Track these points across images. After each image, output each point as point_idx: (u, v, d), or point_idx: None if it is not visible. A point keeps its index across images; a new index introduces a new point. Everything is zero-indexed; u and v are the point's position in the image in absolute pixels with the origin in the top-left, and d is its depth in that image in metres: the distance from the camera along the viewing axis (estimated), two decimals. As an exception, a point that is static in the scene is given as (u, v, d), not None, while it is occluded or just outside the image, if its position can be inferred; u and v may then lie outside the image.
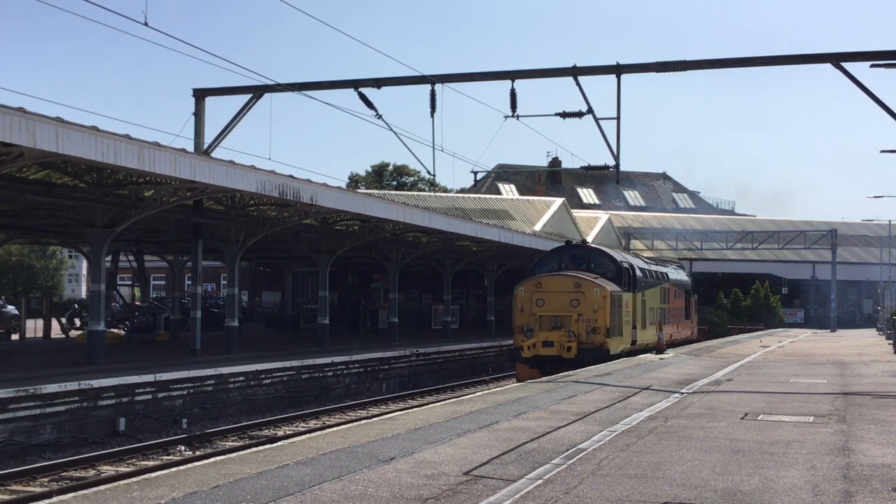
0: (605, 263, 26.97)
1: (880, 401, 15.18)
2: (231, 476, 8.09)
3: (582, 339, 24.35)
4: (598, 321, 24.45)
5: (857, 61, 20.26)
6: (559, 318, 24.58)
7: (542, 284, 25.11)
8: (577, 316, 24.47)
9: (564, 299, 24.67)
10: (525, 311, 24.98)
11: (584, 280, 24.99)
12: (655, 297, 31.03)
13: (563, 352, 23.98)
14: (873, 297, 73.72)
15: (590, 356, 23.74)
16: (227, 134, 25.47)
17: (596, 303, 24.48)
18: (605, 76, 22.14)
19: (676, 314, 35.82)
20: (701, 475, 8.43)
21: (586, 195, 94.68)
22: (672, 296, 34.43)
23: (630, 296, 27.08)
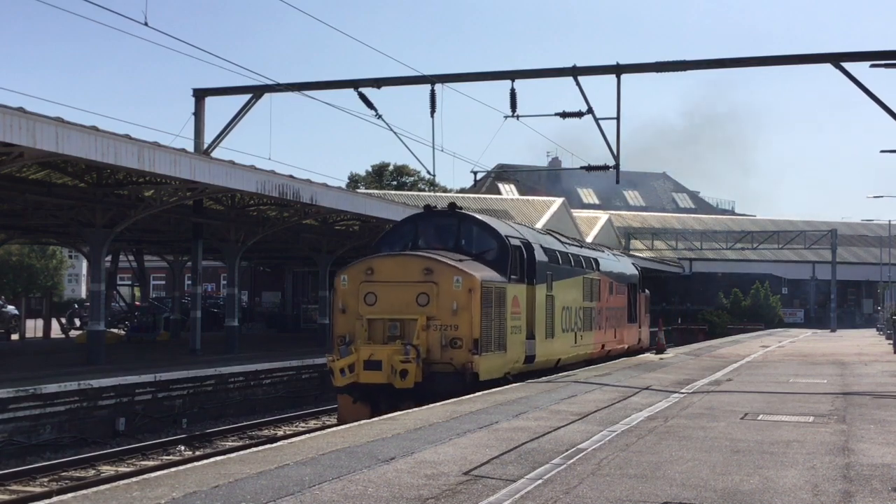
0: (482, 239, 18.15)
1: (880, 401, 15.18)
2: (231, 476, 8.08)
3: (433, 356, 16.01)
4: (460, 328, 16.08)
5: (857, 61, 20.26)
6: (398, 324, 16.22)
7: (375, 270, 16.48)
8: (427, 320, 16.10)
9: (407, 294, 16.21)
10: (349, 311, 16.55)
11: (438, 263, 16.33)
12: (574, 291, 22.26)
13: (394, 378, 15.51)
14: (873, 297, 73.74)
15: (443, 385, 15.71)
16: (227, 134, 25.48)
17: (456, 299, 16.07)
18: (606, 76, 22.14)
19: (614, 316, 26.58)
20: (701, 475, 8.43)
21: (586, 195, 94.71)
22: (604, 291, 25.36)
23: (522, 289, 18.37)
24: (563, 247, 22.34)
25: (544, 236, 21.77)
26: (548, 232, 23.92)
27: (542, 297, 19.46)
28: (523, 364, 18.59)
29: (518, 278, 18.20)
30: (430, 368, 15.91)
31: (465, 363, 16.05)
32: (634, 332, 29.97)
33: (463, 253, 17.59)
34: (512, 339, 17.74)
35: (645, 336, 32.03)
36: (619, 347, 27.45)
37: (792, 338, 45.00)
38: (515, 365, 18.21)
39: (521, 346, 18.33)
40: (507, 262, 17.77)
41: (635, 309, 29.83)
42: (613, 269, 27.10)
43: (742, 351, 31.45)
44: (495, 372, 17.03)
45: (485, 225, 18.41)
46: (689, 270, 74.51)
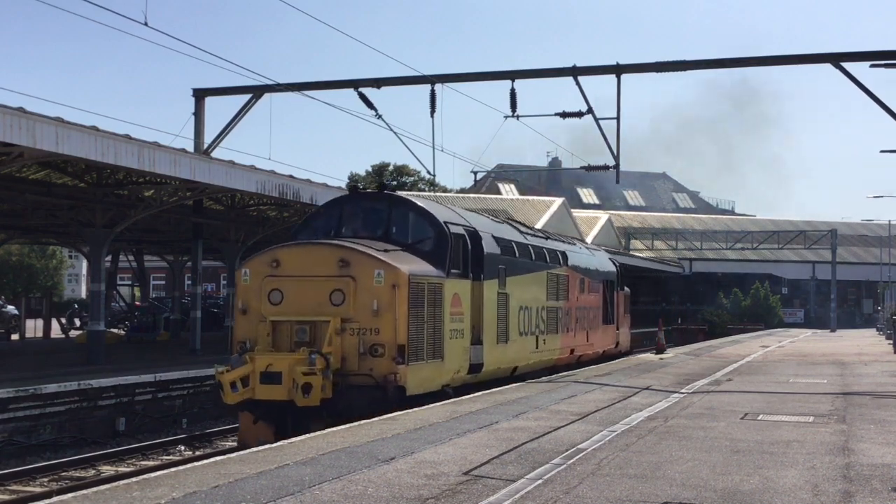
0: (417, 227, 15.61)
1: (880, 401, 15.18)
2: (231, 476, 8.09)
3: (348, 366, 13.45)
4: (382, 332, 13.55)
5: (857, 61, 20.27)
6: (308, 327, 13.64)
7: (281, 262, 13.97)
8: (342, 322, 13.56)
9: (319, 290, 13.67)
10: (250, 312, 14.04)
11: (356, 254, 13.83)
12: (535, 289, 19.71)
13: (297, 395, 12.93)
14: (873, 297, 73.77)
15: (359, 401, 13.22)
16: (227, 134, 25.48)
17: (377, 296, 13.55)
18: (606, 76, 22.14)
19: (585, 317, 24.00)
20: (701, 475, 8.43)
21: (586, 195, 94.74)
22: (574, 288, 22.63)
23: (466, 285, 15.82)
24: (523, 238, 19.64)
25: (500, 225, 18.99)
26: (506, 221, 20.88)
27: (492, 294, 16.85)
28: (467, 374, 15.90)
29: (460, 273, 15.54)
30: (346, 381, 13.29)
31: (388, 375, 13.38)
32: (611, 335, 27.17)
33: (393, 243, 14.99)
34: (451, 346, 15.04)
35: (624, 339, 29.23)
36: (591, 352, 24.72)
37: (792, 338, 45.01)
38: (456, 375, 15.47)
39: (464, 354, 15.65)
40: (446, 253, 15.13)
41: (612, 309, 27.07)
42: (585, 265, 24.34)
43: (742, 351, 31.44)
44: (428, 384, 14.40)
45: (420, 210, 15.59)
46: (689, 270, 74.56)
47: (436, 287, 14.64)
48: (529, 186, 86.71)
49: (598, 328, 25.53)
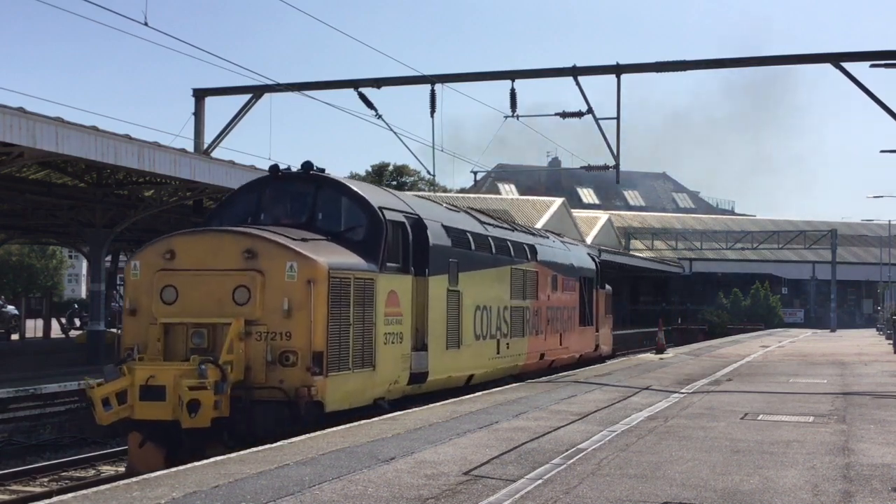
0: (348, 213, 13.50)
1: (880, 401, 15.18)
2: (231, 476, 8.09)
3: (254, 377, 11.39)
4: (295, 336, 11.48)
5: (857, 61, 20.27)
6: (206, 331, 11.57)
7: (177, 253, 11.89)
8: (247, 325, 11.49)
9: (220, 287, 11.63)
10: (140, 312, 11.96)
11: (265, 243, 11.78)
12: (497, 286, 17.65)
13: (182, 414, 10.74)
14: (873, 297, 73.80)
15: (263, 421, 11.19)
16: (227, 134, 25.48)
17: (290, 294, 11.51)
18: (606, 76, 22.14)
19: (559, 317, 21.85)
20: (701, 475, 8.43)
21: (586, 195, 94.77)
22: (544, 286, 20.58)
23: (407, 281, 13.82)
24: (482, 228, 17.60)
25: (454, 214, 16.87)
26: (465, 210, 18.48)
27: (440, 292, 14.80)
28: (408, 385, 13.92)
29: (399, 267, 13.57)
30: (250, 396, 11.20)
31: (301, 387, 11.23)
32: (588, 337, 24.96)
33: (320, 231, 12.86)
34: (386, 352, 12.96)
35: (605, 341, 26.93)
36: (566, 356, 22.65)
37: (792, 338, 45.01)
38: (393, 387, 13.44)
39: (403, 361, 13.62)
40: (381, 243, 13.03)
41: (591, 308, 24.97)
42: (559, 260, 22.15)
43: (742, 351, 31.44)
44: (355, 398, 12.41)
45: (350, 193, 13.51)
46: (689, 270, 74.59)
47: (365, 283, 12.49)
48: (529, 186, 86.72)
49: (574, 330, 23.33)
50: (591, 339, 25.24)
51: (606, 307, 27.44)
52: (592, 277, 25.32)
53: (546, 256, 21.00)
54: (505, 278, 18.16)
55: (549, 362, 21.15)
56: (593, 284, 25.43)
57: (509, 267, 18.29)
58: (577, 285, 23.58)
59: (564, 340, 22.32)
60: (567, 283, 22.63)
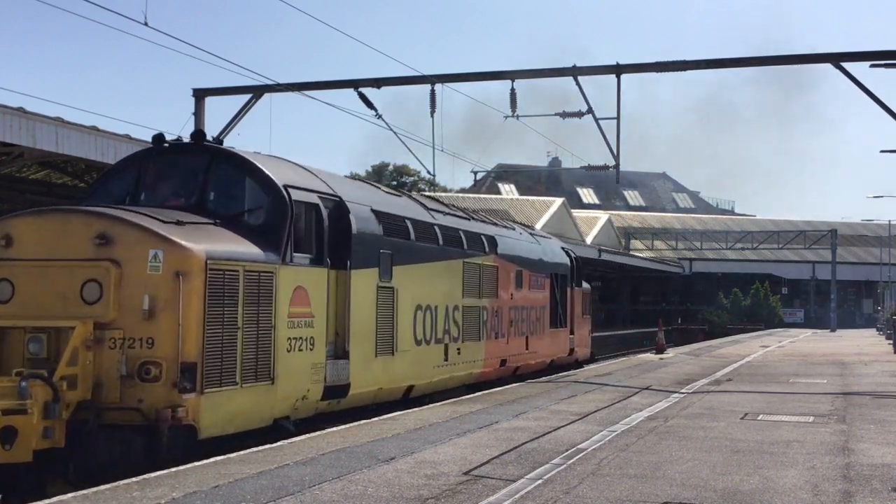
0: (247, 192, 11.32)
1: (880, 401, 15.18)
2: (231, 476, 8.09)
3: (105, 396, 9.28)
4: (159, 344, 9.39)
5: (857, 61, 20.25)
6: (46, 337, 9.39)
7: (15, 239, 9.88)
8: (97, 329, 9.38)
9: (65, 281, 9.59)
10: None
11: (122, 226, 9.71)
12: (444, 282, 15.57)
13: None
14: (873, 297, 73.82)
15: (109, 451, 9.11)
16: (227, 134, 25.47)
17: (152, 289, 9.48)
18: (606, 76, 22.12)
19: (524, 318, 19.75)
20: (701, 475, 8.43)
21: (586, 195, 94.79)
22: (506, 283, 18.55)
23: (320, 275, 11.66)
24: (428, 215, 15.52)
25: (390, 198, 14.85)
26: (407, 193, 16.83)
27: (367, 289, 12.69)
28: (322, 400, 11.66)
29: (312, 258, 11.48)
30: (99, 419, 9.06)
31: (165, 409, 9.09)
32: (562, 340, 22.71)
33: (211, 214, 10.71)
34: (290, 362, 10.81)
35: (582, 344, 24.69)
36: (534, 362, 20.44)
37: (792, 338, 45.02)
38: (302, 403, 11.19)
39: (315, 372, 11.38)
40: (285, 229, 10.90)
41: (565, 309, 22.84)
42: (524, 254, 19.99)
43: (742, 351, 31.44)
44: (245, 420, 10.20)
45: (250, 168, 11.28)
46: (689, 270, 74.62)
47: (261, 277, 10.37)
48: (529, 186, 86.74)
49: (545, 333, 21.20)
50: (565, 343, 23.00)
51: (584, 307, 25.24)
52: (566, 275, 23.13)
53: (509, 250, 18.92)
54: (456, 274, 16.04)
55: (512, 369, 19.04)
56: (567, 282, 23.27)
57: (461, 261, 16.19)
58: (547, 283, 21.48)
59: (532, 344, 20.13)
60: (535, 281, 20.52)
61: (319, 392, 11.61)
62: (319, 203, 11.87)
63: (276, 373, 10.63)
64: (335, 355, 11.99)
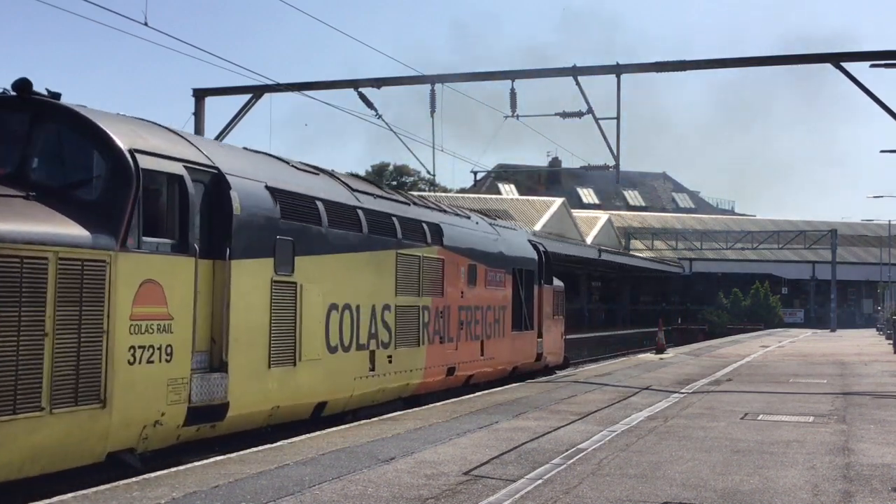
0: (79, 156, 9.03)
1: (880, 401, 15.18)
2: (231, 476, 8.09)
3: None
4: None
5: (857, 61, 20.26)
6: None
7: None
8: None
9: None
10: None
11: None
12: (369, 277, 13.25)
13: None
14: (873, 297, 73.83)
15: None
16: (227, 134, 25.49)
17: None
18: (606, 76, 22.13)
19: (480, 320, 17.49)
20: (701, 475, 8.43)
21: (586, 195, 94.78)
22: (455, 279, 16.29)
23: (182, 265, 9.45)
24: (349, 196, 13.09)
25: (296, 173, 12.35)
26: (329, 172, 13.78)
27: (257, 284, 10.53)
28: (189, 425, 9.46)
29: (175, 244, 9.34)
30: None
31: None
32: (527, 344, 20.36)
33: (29, 186, 8.44)
34: (132, 377, 8.60)
35: (552, 348, 22.48)
36: (491, 369, 18.14)
37: (792, 338, 45.02)
38: (154, 431, 8.98)
39: (175, 391, 9.16)
40: (127, 204, 8.70)
41: (531, 309, 20.51)
42: (480, 246, 17.65)
43: (742, 351, 31.45)
44: (60, 456, 8.00)
45: (85, 126, 9.01)
46: (689, 270, 74.63)
47: (84, 267, 8.13)
48: (529, 186, 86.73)
49: (505, 336, 18.83)
50: (531, 347, 20.66)
51: (555, 307, 22.94)
52: (533, 270, 20.75)
53: (458, 241, 16.53)
54: (387, 267, 13.60)
55: (464, 378, 16.85)
56: (535, 279, 20.90)
57: (395, 252, 13.77)
58: (509, 279, 19.16)
59: (489, 349, 17.84)
60: (493, 277, 18.17)
61: (181, 415, 9.22)
62: (185, 174, 9.54)
63: (110, 392, 8.26)
64: (209, 367, 9.73)
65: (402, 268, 14.22)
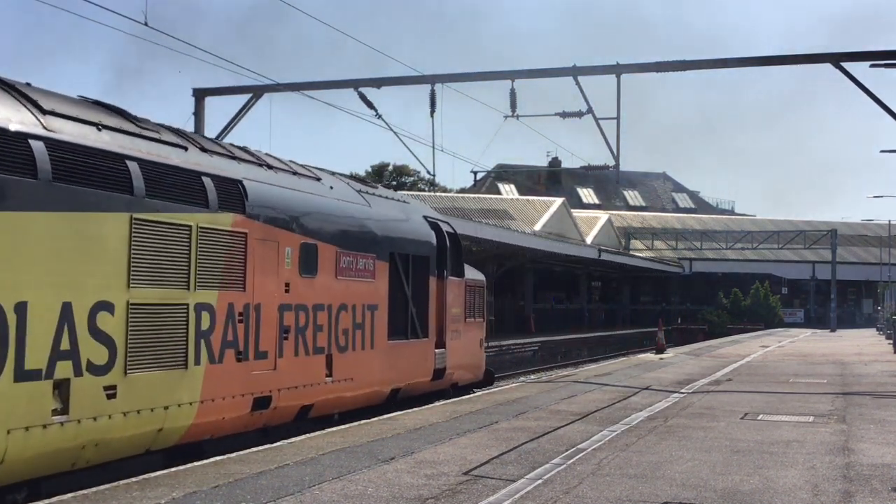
0: None
1: (880, 401, 15.18)
2: (231, 476, 8.09)
3: None
4: None
5: (857, 61, 20.26)
6: None
7: None
8: None
9: None
10: None
11: None
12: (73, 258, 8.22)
13: None
14: (873, 297, 73.85)
15: None
16: (227, 134, 25.49)
17: None
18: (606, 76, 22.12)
19: (330, 325, 12.54)
20: (701, 475, 8.43)
21: (586, 195, 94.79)
22: (278, 264, 11.39)
23: None
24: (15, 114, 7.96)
25: None
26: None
27: None
28: None
29: None
30: None
31: None
32: (418, 357, 15.17)
33: None
34: None
35: (462, 361, 17.17)
36: (351, 395, 13.00)
37: (792, 338, 45.02)
38: None
39: None
40: None
41: (426, 309, 15.48)
42: (327, 220, 12.57)
43: (742, 351, 31.45)
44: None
45: None
46: (689, 270, 74.67)
47: None
48: (529, 186, 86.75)
49: (376, 347, 13.61)
50: (425, 361, 15.43)
51: (467, 306, 17.56)
52: (429, 257, 15.65)
53: (280, 208, 11.45)
54: (109, 241, 8.75)
55: (293, 410, 11.67)
56: (432, 269, 15.77)
57: (128, 216, 8.96)
58: (385, 268, 14.01)
59: (343, 366, 12.65)
60: (352, 264, 13.05)
61: None
62: None
63: None
64: None
65: (147, 243, 9.21)
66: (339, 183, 13.99)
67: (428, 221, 16.30)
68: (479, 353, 18.87)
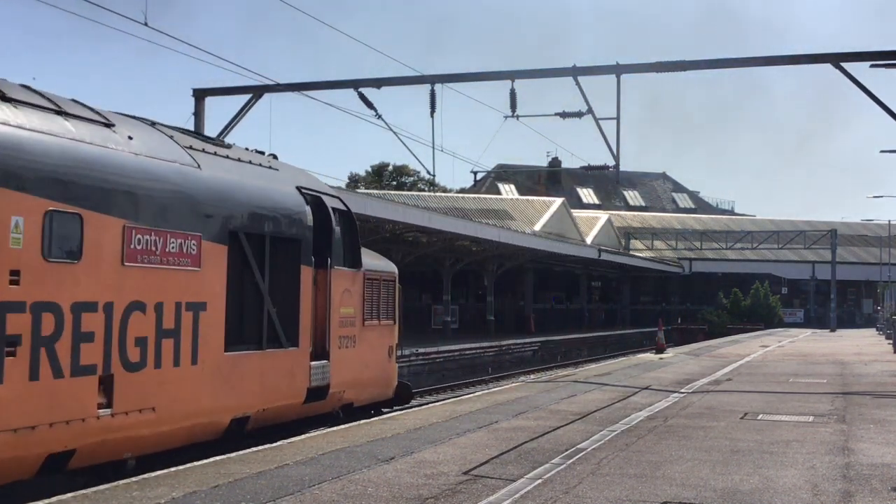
0: None
1: (880, 400, 15.18)
2: (231, 476, 8.09)
3: None
4: None
5: (857, 61, 20.25)
6: None
7: None
8: None
9: None
10: None
11: None
12: None
13: None
14: (873, 297, 73.86)
15: None
16: (227, 134, 25.48)
17: None
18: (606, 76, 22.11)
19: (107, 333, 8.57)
20: (701, 475, 8.43)
21: (586, 195, 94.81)
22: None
23: None
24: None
25: None
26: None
27: None
28: None
29: None
30: None
31: None
32: (283, 371, 11.52)
33: None
34: None
35: (363, 374, 13.77)
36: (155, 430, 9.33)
37: (791, 338, 45.02)
38: None
39: None
40: None
41: (297, 308, 11.84)
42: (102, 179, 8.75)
43: (742, 351, 31.45)
44: None
45: None
46: (689, 270, 74.68)
47: None
48: (529, 186, 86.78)
49: (204, 363, 10.00)
50: (295, 378, 11.82)
51: (369, 305, 14.04)
52: (300, 240, 12.02)
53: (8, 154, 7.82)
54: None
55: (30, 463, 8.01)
56: (304, 255, 12.10)
57: None
58: (219, 253, 10.38)
59: (134, 392, 9.01)
60: (160, 244, 9.44)
61: None
62: None
63: None
64: None
65: None
66: (150, 134, 10.16)
67: (303, 194, 12.36)
68: (388, 365, 14.84)
